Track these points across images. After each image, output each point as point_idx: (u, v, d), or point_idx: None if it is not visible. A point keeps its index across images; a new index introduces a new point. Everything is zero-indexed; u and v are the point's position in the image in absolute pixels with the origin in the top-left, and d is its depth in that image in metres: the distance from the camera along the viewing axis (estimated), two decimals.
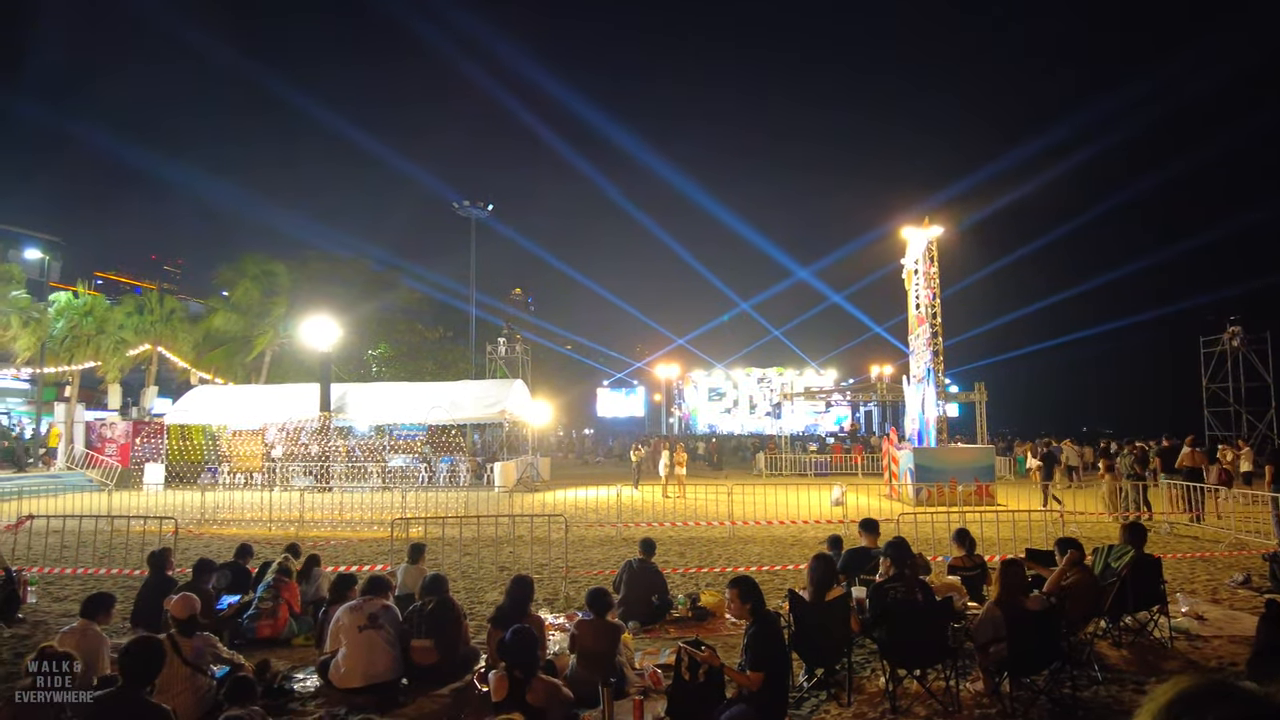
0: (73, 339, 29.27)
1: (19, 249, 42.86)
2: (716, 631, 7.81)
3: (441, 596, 6.41)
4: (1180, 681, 1.13)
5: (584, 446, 52.91)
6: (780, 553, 12.58)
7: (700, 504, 20.11)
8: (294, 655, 7.07)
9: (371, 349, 40.80)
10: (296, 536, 13.38)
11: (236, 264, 34.70)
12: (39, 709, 4.28)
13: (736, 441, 49.09)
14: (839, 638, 5.92)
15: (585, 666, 5.77)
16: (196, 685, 5.48)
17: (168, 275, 63.74)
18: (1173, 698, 1.11)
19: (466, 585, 10.02)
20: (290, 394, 27.21)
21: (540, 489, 24.98)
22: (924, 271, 22.04)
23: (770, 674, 4.89)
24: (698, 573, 10.90)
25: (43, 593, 9.41)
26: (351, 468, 24.89)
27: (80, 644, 5.69)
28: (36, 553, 11.74)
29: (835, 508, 16.78)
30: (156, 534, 12.29)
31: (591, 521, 16.24)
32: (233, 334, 33.53)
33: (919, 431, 22.73)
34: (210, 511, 16.71)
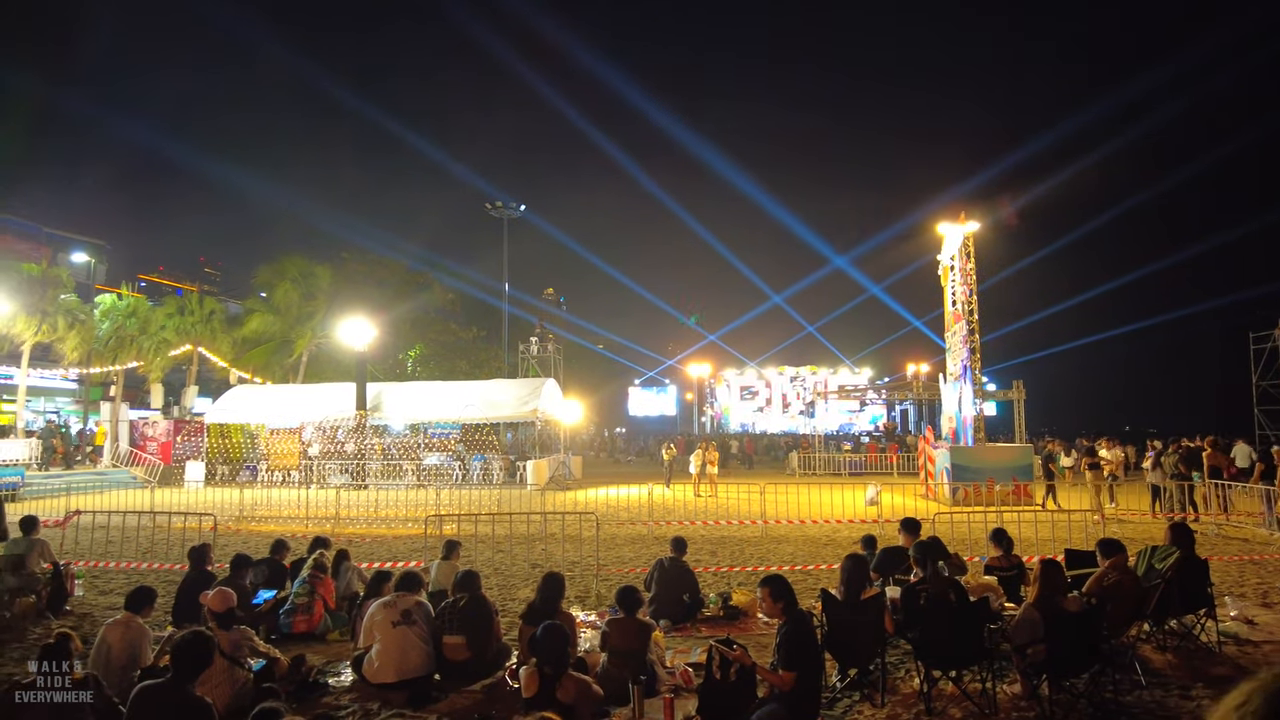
0: (117, 340, 30.00)
1: (67, 253, 44.07)
2: (748, 631, 7.75)
3: (474, 593, 6.43)
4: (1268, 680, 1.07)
5: (615, 445, 52.96)
6: (814, 552, 12.46)
7: (732, 503, 20.02)
8: (329, 650, 7.16)
9: (406, 349, 41.28)
10: (333, 534, 13.56)
11: (276, 265, 35.30)
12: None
13: (769, 441, 48.77)
14: (872, 638, 5.83)
15: (616, 664, 5.76)
16: (234, 678, 5.57)
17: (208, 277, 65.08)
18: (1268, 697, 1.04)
19: (499, 582, 10.07)
20: (327, 393, 27.63)
21: (572, 487, 25.06)
22: (960, 267, 21.70)
23: (802, 673, 4.83)
24: (729, 572, 10.84)
25: (89, 585, 9.63)
26: (387, 466, 25.18)
27: (124, 636, 5.82)
28: (84, 547, 12.05)
29: (870, 507, 16.58)
30: (197, 530, 12.54)
31: (623, 520, 16.24)
32: (271, 334, 34.12)
33: (956, 430, 22.39)
34: (248, 508, 17.01)
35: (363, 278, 37.76)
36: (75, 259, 43.89)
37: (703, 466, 22.34)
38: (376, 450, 25.55)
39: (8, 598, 8.20)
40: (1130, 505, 16.37)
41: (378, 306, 32.25)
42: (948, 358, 23.61)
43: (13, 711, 4.16)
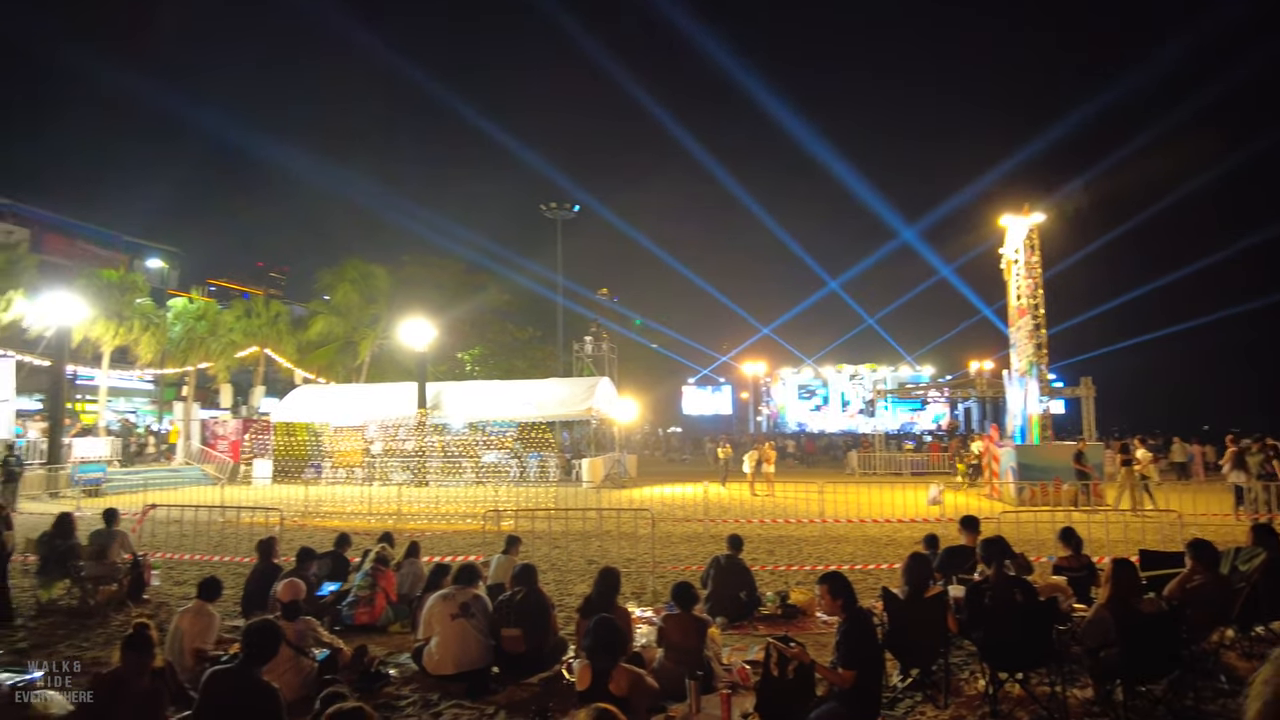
0: (188, 342, 31.18)
1: (142, 259, 46.03)
2: (806, 629, 7.65)
3: (531, 587, 6.48)
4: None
5: (670, 444, 52.90)
6: (874, 552, 12.24)
7: (790, 502, 19.80)
8: (390, 641, 7.30)
9: (465, 349, 41.95)
10: (394, 529, 13.84)
11: (337, 269, 36.25)
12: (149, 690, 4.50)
13: (827, 440, 48.12)
14: (935, 637, 5.69)
15: (672, 660, 5.73)
16: (300, 666, 5.72)
17: (273, 281, 67.16)
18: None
19: (555, 577, 10.15)
20: (389, 393, 28.27)
21: (627, 485, 25.12)
22: (1025, 261, 21.06)
23: (862, 672, 4.73)
24: (787, 570, 10.72)
25: (165, 576, 10.03)
26: (446, 463, 25.60)
27: (195, 622, 6.03)
28: (159, 540, 12.55)
29: (932, 507, 16.23)
30: (264, 525, 12.94)
31: (678, 517, 16.20)
32: (334, 336, 35.04)
33: (1021, 428, 21.75)
34: (313, 504, 17.50)
35: (421, 280, 38.54)
36: (150, 265, 45.83)
37: (758, 465, 22.16)
38: (437, 448, 26.00)
39: (92, 586, 8.59)
40: (1210, 507, 15.66)
41: (436, 308, 32.84)
42: (1012, 354, 22.94)
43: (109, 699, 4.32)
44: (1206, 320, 55.08)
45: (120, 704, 4.28)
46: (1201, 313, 56.77)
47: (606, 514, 13.41)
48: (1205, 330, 58.00)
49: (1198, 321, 55.24)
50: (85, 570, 8.61)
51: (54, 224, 43.90)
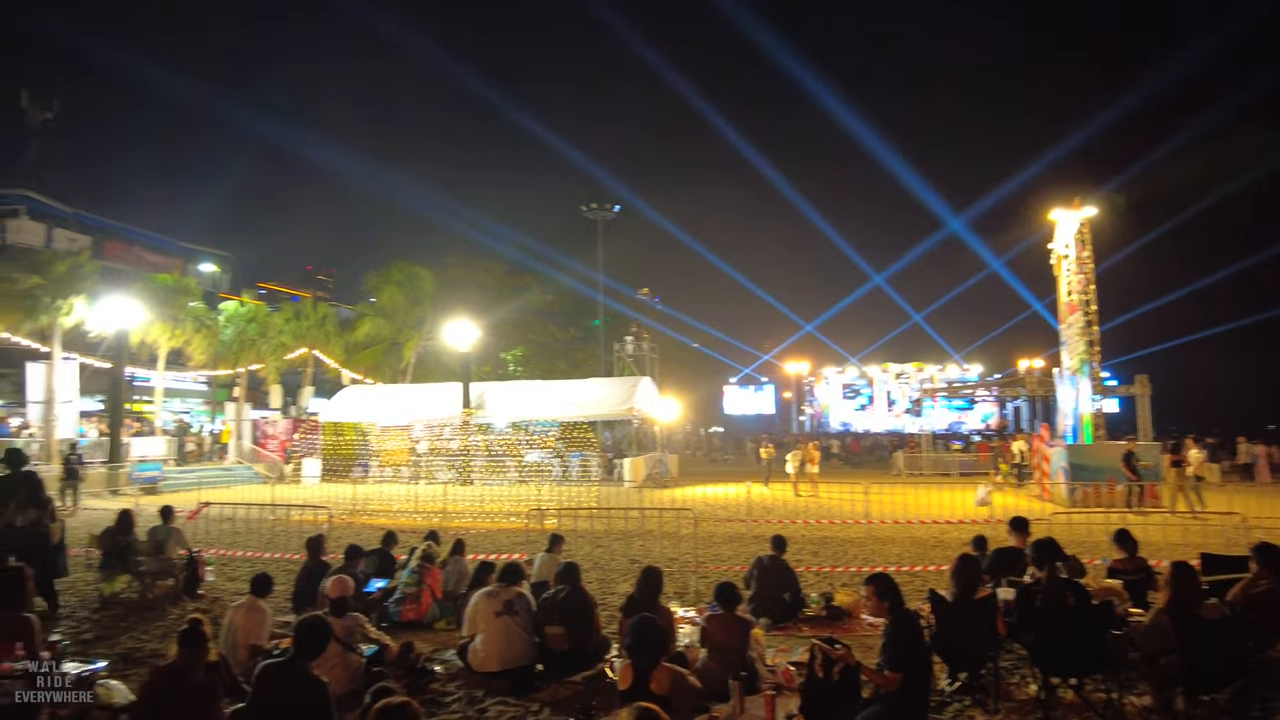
0: (240, 344, 32.01)
1: (195, 263, 47.38)
2: (852, 631, 7.55)
3: (574, 585, 6.50)
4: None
5: (712, 444, 52.72)
6: (921, 554, 12.05)
7: (834, 503, 19.60)
8: (436, 638, 7.39)
9: (508, 349, 42.35)
10: (440, 527, 14.03)
11: (383, 271, 36.84)
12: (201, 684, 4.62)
13: (873, 440, 47.50)
14: (984, 640, 5.57)
15: (716, 660, 5.71)
16: (348, 662, 5.82)
17: (321, 284, 68.54)
18: None
19: (598, 576, 10.17)
20: (433, 393, 28.66)
21: (669, 485, 25.10)
22: (1076, 255, 20.54)
23: (909, 675, 4.65)
24: (831, 572, 10.60)
25: (218, 572, 10.29)
26: (490, 462, 25.86)
27: (248, 618, 6.17)
28: (213, 537, 12.89)
29: (980, 508, 15.91)
30: (313, 523, 13.20)
31: (720, 518, 16.13)
32: (380, 337, 35.64)
33: (1073, 428, 21.21)
34: (361, 503, 17.81)
35: (465, 281, 39.01)
36: (202, 269, 47.17)
37: (802, 465, 21.96)
38: (481, 447, 26.29)
39: (150, 580, 8.86)
40: (1277, 510, 15.07)
41: (480, 309, 33.21)
42: (1063, 351, 22.39)
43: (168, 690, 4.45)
44: (1273, 314, 52.60)
45: (179, 695, 4.40)
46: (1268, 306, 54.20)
47: (649, 513, 13.41)
48: (1271, 325, 55.43)
49: (1263, 315, 52.77)
50: (144, 565, 8.89)
51: (113, 231, 45.47)
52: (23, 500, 8.39)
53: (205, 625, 4.66)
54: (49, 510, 8.68)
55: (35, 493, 8.58)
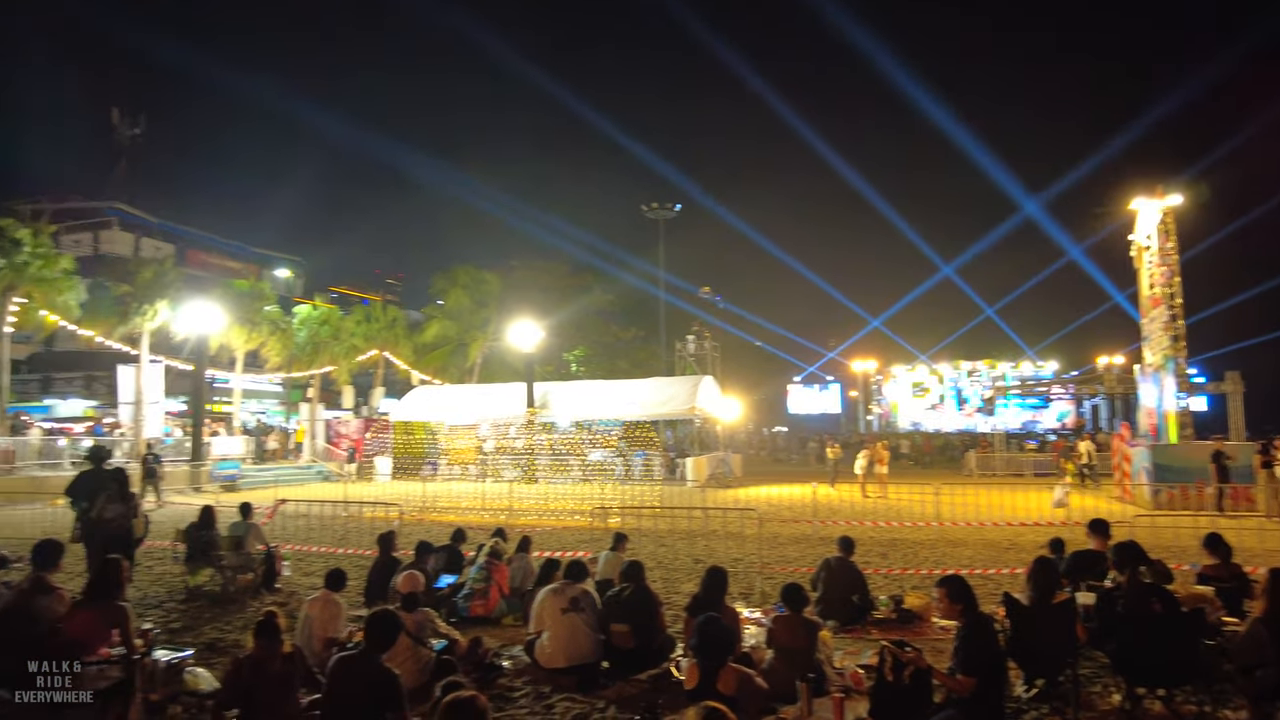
0: (313, 346, 33.07)
1: (270, 268, 49.17)
2: (922, 635, 7.37)
3: (638, 583, 6.51)
4: None
5: (776, 444, 52.18)
6: (994, 556, 11.70)
7: (904, 504, 19.18)
8: (503, 634, 7.48)
9: (570, 350, 42.73)
10: (506, 524, 14.24)
11: (449, 274, 37.61)
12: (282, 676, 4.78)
13: (943, 440, 46.31)
14: (1063, 646, 5.36)
15: (782, 662, 5.63)
16: (418, 656, 5.94)
17: (390, 287, 70.39)
18: None
19: (662, 575, 10.17)
20: (499, 393, 29.12)
21: (732, 485, 24.94)
22: (1159, 247, 19.64)
23: (983, 680, 4.51)
24: (901, 574, 10.38)
25: (295, 567, 10.65)
26: (554, 461, 26.12)
27: (323, 611, 6.35)
28: (289, 533, 13.33)
29: (1057, 510, 15.37)
30: (384, 519, 13.52)
31: (786, 518, 15.94)
32: (448, 339, 36.39)
33: (1156, 427, 20.30)
34: (430, 500, 18.18)
35: (529, 284, 39.52)
36: (277, 274, 48.92)
37: (870, 466, 21.55)
38: (545, 446, 26.58)
39: (231, 574, 9.21)
40: None
41: (543, 310, 33.60)
42: (1144, 347, 21.44)
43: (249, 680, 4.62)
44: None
45: (259, 685, 4.56)
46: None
47: (712, 513, 13.35)
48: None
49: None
50: (225, 560, 9.25)
51: (194, 239, 47.61)
52: (111, 494, 8.86)
53: (280, 618, 4.82)
54: (133, 505, 9.13)
55: (122, 488, 9.03)
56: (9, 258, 23.10)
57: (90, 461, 9.27)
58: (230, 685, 4.67)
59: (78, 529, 8.84)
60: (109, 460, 9.47)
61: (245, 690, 4.55)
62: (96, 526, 8.70)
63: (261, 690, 4.55)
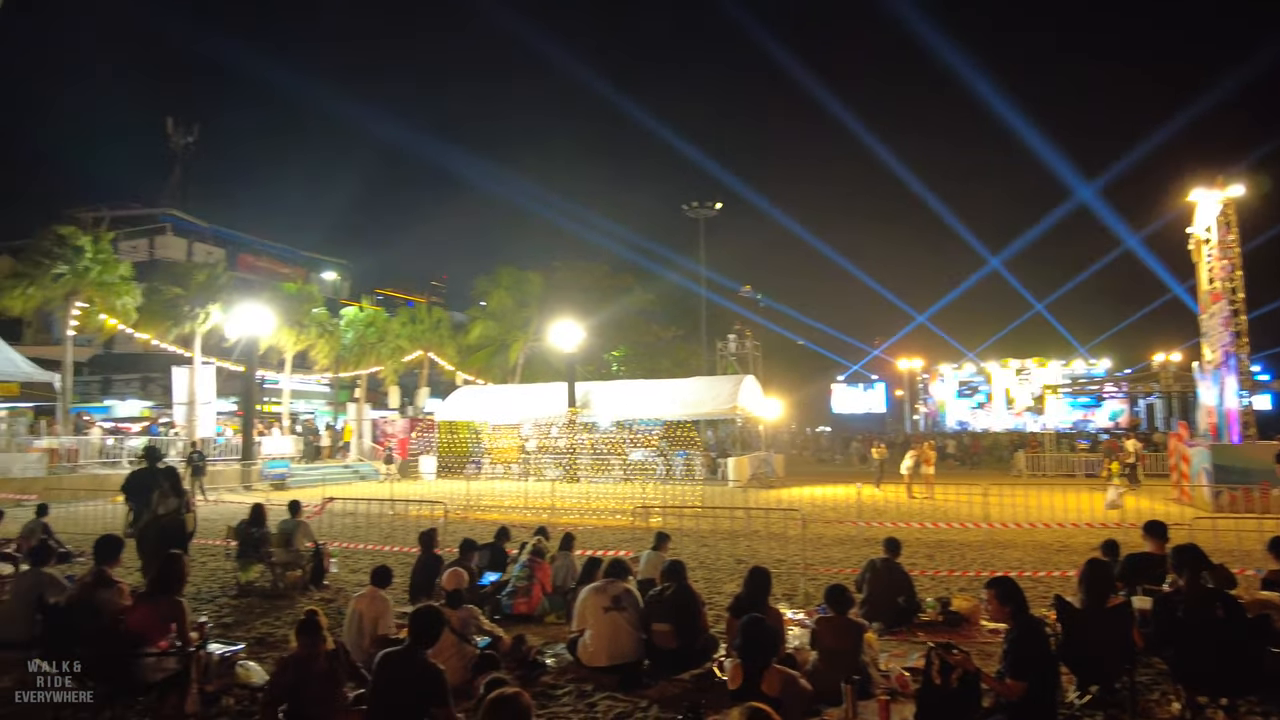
0: (360, 347, 33.67)
1: (318, 271, 50.17)
2: (970, 638, 7.22)
3: (680, 583, 6.49)
4: None
5: (819, 444, 51.61)
6: (1044, 558, 11.43)
7: (951, 505, 18.83)
8: (546, 632, 7.52)
9: (611, 349, 42.84)
10: (549, 523, 14.32)
11: (492, 276, 37.99)
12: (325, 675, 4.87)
13: (991, 439, 45.33)
14: (1118, 652, 5.20)
15: (826, 663, 5.57)
16: (463, 652, 6.00)
17: (434, 289, 71.27)
18: None
19: (704, 575, 10.13)
20: (541, 393, 29.33)
21: (775, 485, 24.75)
22: (1219, 240, 18.98)
23: (1033, 684, 4.40)
24: (948, 576, 10.20)
25: (342, 564, 10.85)
26: (595, 460, 26.20)
27: (370, 607, 6.44)
28: (336, 530, 13.59)
29: (1110, 511, 14.95)
30: (429, 517, 13.70)
31: (830, 519, 15.77)
32: (491, 340, 36.76)
33: (1216, 426, 19.64)
34: (474, 498, 18.38)
35: (569, 284, 39.69)
36: (324, 277, 49.90)
37: (916, 466, 21.22)
38: (586, 445, 26.68)
39: (280, 570, 9.42)
40: None
41: (584, 310, 33.74)
42: (1203, 344, 20.75)
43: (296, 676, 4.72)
44: None
45: (304, 682, 4.66)
46: None
47: (754, 513, 13.26)
48: None
49: None
50: (275, 556, 9.47)
51: (244, 243, 48.82)
52: (164, 491, 9.18)
53: (320, 617, 4.91)
54: (185, 501, 9.45)
55: (174, 484, 9.37)
56: (72, 264, 23.96)
57: (145, 460, 9.59)
58: (277, 683, 4.78)
59: (132, 525, 9.19)
60: (163, 459, 9.78)
61: (292, 688, 4.66)
62: (150, 522, 9.02)
63: (307, 687, 4.65)
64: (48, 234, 24.32)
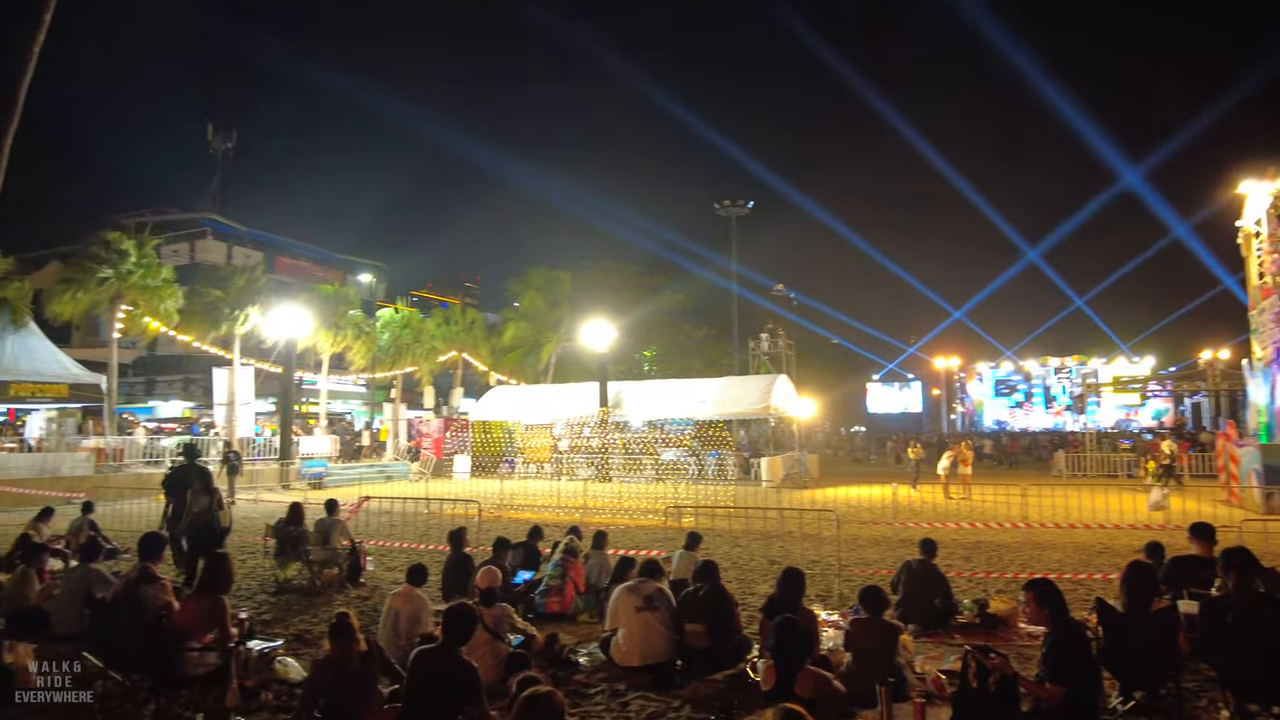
0: (395, 348, 34.09)
1: (354, 274, 50.92)
2: (1008, 641, 7.09)
3: (713, 583, 6.47)
4: None
5: (854, 444, 51.11)
6: (1085, 560, 11.20)
7: (988, 505, 18.53)
8: (579, 631, 7.54)
9: (642, 349, 42.85)
10: (581, 522, 14.35)
11: (523, 277, 38.25)
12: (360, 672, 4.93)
13: (1030, 439, 44.53)
14: (1163, 657, 5.06)
15: (861, 665, 5.51)
16: (496, 651, 6.03)
17: (469, 290, 71.95)
18: None
19: (737, 576, 10.08)
20: (573, 392, 29.42)
21: (809, 486, 24.56)
22: (1269, 233, 18.43)
23: (1073, 689, 4.31)
24: (986, 578, 10.03)
25: (378, 562, 10.98)
26: (628, 460, 26.21)
27: (406, 605, 6.50)
28: (373, 529, 13.75)
29: (1155, 513, 14.59)
30: (464, 516, 13.80)
31: (864, 520, 15.60)
32: (523, 340, 37.00)
33: (1268, 425, 19.07)
34: (508, 498, 18.50)
35: (599, 284, 39.80)
36: (360, 279, 50.63)
37: (953, 466, 20.92)
38: (618, 445, 26.70)
39: (318, 568, 9.56)
40: None
41: (615, 310, 33.79)
42: (1253, 340, 20.17)
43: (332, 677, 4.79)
44: None
45: (340, 682, 4.74)
46: None
47: (788, 514, 13.16)
48: None
49: None
50: (312, 554, 9.61)
51: (281, 246, 49.74)
52: (197, 489, 9.57)
53: (352, 618, 4.97)
54: (217, 498, 9.82)
55: (206, 482, 9.77)
56: (116, 269, 24.57)
57: (184, 456, 9.94)
58: (313, 684, 4.87)
59: (169, 520, 9.55)
60: (200, 456, 10.16)
61: (328, 688, 4.73)
62: (184, 518, 9.35)
63: (343, 687, 4.72)
64: (93, 239, 24.98)
